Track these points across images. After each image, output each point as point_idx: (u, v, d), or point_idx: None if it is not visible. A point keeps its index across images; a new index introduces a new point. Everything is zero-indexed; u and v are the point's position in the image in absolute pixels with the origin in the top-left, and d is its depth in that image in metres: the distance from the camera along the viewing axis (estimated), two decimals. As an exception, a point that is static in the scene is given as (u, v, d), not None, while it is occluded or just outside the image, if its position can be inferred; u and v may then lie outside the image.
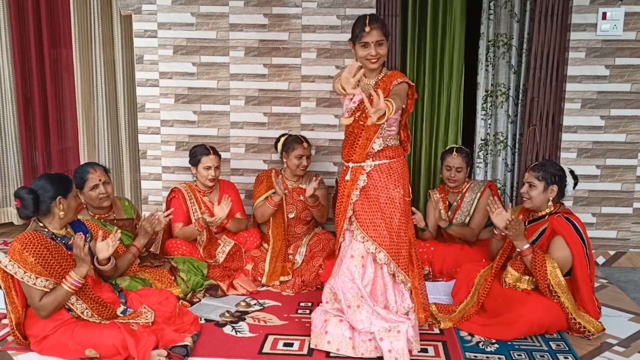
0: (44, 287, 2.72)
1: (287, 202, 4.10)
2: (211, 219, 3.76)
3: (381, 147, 2.99)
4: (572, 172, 3.35)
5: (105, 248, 2.98)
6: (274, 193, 3.96)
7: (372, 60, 2.92)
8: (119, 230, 3.09)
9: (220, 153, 4.12)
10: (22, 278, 2.70)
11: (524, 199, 3.32)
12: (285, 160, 4.05)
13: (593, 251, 4.29)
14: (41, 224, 2.87)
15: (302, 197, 4.10)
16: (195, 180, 4.08)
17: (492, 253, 3.57)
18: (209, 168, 3.96)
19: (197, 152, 3.99)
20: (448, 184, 4.10)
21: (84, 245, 2.77)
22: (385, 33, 2.92)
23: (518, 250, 3.18)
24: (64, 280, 2.76)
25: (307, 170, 4.16)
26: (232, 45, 4.44)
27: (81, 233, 2.85)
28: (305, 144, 4.02)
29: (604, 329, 3.14)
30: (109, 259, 3.05)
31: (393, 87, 2.90)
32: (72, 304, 2.82)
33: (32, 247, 2.73)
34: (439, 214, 4.03)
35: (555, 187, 3.25)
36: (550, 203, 3.28)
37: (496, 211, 3.34)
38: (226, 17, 4.40)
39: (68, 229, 2.99)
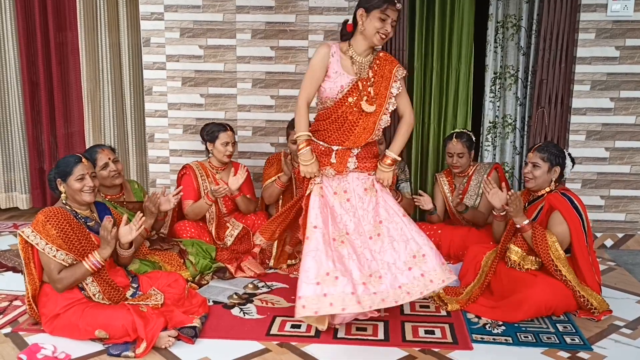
0: (63, 260, 2.77)
1: (297, 186, 4.10)
2: (216, 187, 3.75)
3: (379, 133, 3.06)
4: (569, 154, 3.36)
5: (128, 232, 3.00)
6: (282, 174, 3.98)
7: (382, 37, 2.86)
8: (143, 218, 3.06)
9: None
10: (43, 249, 2.75)
11: (527, 178, 3.32)
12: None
13: (601, 234, 4.31)
14: (64, 202, 2.93)
15: None
16: (209, 158, 4.08)
17: (495, 236, 3.57)
18: (226, 144, 3.96)
19: (215, 129, 3.97)
20: (452, 169, 4.09)
21: (112, 229, 2.82)
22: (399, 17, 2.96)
23: (518, 226, 3.18)
24: (85, 258, 2.81)
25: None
26: (239, 27, 4.42)
27: (110, 216, 2.90)
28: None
29: (611, 311, 3.14)
30: (131, 243, 3.07)
31: (393, 77, 2.96)
32: (87, 285, 2.86)
33: (55, 220, 2.78)
34: (456, 201, 4.00)
35: (558, 169, 3.26)
36: (552, 184, 3.28)
37: (492, 191, 3.34)
38: (233, 0, 4.39)
39: (93, 212, 3.03)
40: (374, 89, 2.96)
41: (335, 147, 3.02)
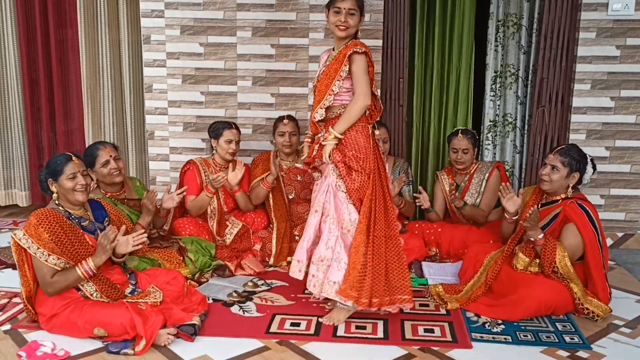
0: (55, 265, 2.74)
1: (285, 184, 4.12)
2: (214, 176, 3.78)
3: (322, 118, 3.02)
4: (592, 159, 3.30)
5: (125, 244, 2.94)
6: (268, 174, 4.00)
7: (341, 28, 2.96)
8: (144, 235, 2.99)
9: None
10: (34, 253, 2.72)
11: (543, 180, 3.27)
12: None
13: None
14: (57, 202, 2.89)
15: (299, 177, 4.12)
16: (212, 155, 4.09)
17: (502, 235, 3.55)
18: (230, 142, 3.97)
19: (220, 126, 4.00)
20: (456, 166, 4.09)
21: (113, 240, 2.81)
22: (360, 5, 2.99)
23: (531, 239, 3.15)
24: (79, 265, 2.78)
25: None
26: (240, 25, 4.41)
27: (114, 227, 2.88)
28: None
29: (611, 310, 3.14)
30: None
31: (346, 60, 2.93)
32: (82, 285, 2.84)
33: (47, 224, 2.74)
34: (453, 196, 4.01)
35: (577, 175, 3.22)
36: (570, 190, 3.25)
37: (507, 196, 3.32)
38: (233, -3, 4.38)
39: (87, 211, 3.00)
40: (325, 74, 3.03)
41: (318, 135, 3.12)
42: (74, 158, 2.90)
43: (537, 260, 3.16)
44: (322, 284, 2.97)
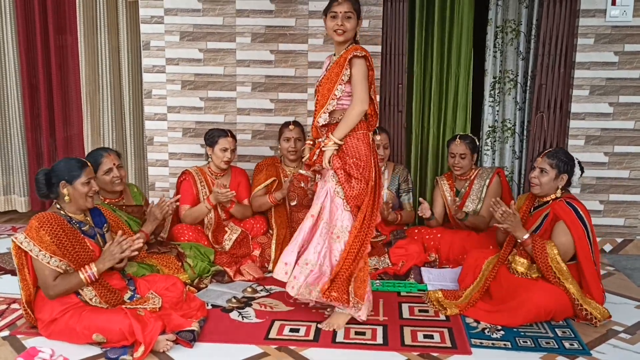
0: (57, 267, 2.74)
1: (288, 190, 4.11)
2: (223, 191, 3.77)
3: (326, 122, 3.02)
4: (579, 162, 3.34)
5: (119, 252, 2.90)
6: (275, 182, 3.99)
7: (338, 32, 2.98)
8: (140, 240, 2.96)
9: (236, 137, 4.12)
10: (36, 256, 2.72)
11: (533, 184, 3.30)
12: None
13: (600, 238, 4.30)
14: (58, 206, 2.90)
15: (302, 184, 4.12)
16: (208, 163, 4.09)
17: (498, 241, 3.57)
18: (225, 150, 3.96)
19: (215, 134, 3.99)
20: (453, 171, 4.09)
21: (125, 250, 2.82)
22: (356, 9, 3.00)
23: (519, 241, 3.19)
24: (82, 269, 2.79)
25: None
26: (239, 31, 4.43)
27: (140, 236, 2.91)
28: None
29: (610, 316, 3.13)
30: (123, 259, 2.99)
31: (347, 63, 2.93)
32: (82, 290, 2.83)
33: (48, 226, 2.75)
34: (454, 209, 3.97)
35: (565, 176, 3.25)
36: (558, 191, 3.27)
37: (498, 211, 3.30)
38: (232, 3, 4.38)
39: (87, 216, 3.00)
40: (326, 78, 3.04)
41: (319, 140, 3.11)
42: (89, 164, 2.93)
43: (536, 265, 3.17)
44: (300, 286, 2.99)
